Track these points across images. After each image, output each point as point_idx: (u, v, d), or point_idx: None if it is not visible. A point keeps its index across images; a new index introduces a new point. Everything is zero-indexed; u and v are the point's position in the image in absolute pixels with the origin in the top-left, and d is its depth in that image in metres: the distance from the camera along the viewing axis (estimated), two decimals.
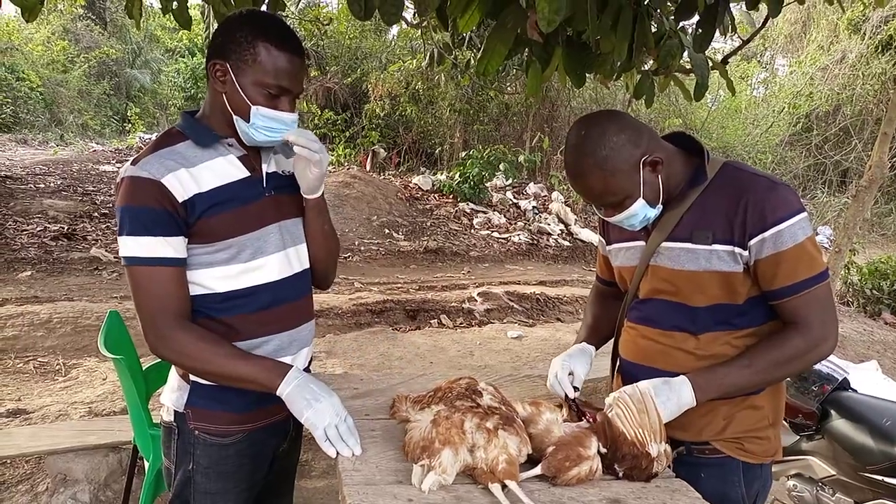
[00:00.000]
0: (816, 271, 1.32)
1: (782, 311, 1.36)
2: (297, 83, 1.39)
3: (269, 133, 1.38)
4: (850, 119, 15.33)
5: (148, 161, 1.32)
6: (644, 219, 1.41)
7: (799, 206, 1.33)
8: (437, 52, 3.42)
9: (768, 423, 1.44)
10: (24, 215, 8.01)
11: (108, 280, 6.37)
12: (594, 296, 1.81)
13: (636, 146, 1.35)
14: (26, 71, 17.37)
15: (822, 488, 2.47)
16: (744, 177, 1.38)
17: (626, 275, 1.58)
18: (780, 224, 1.30)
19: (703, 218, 1.38)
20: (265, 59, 1.32)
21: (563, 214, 11.87)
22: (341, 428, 1.30)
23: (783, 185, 1.36)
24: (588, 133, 1.36)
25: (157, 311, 1.33)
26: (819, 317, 1.33)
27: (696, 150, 1.46)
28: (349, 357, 4.87)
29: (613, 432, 1.24)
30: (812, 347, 1.34)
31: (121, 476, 2.84)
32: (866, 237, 12.53)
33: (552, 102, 14.44)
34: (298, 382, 1.32)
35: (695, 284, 1.39)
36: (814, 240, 1.34)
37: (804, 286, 1.32)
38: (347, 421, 1.32)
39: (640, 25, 1.99)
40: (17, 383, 4.00)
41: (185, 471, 1.48)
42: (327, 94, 14.81)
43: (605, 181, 1.35)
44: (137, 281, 1.33)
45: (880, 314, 7.77)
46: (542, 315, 7.03)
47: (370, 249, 8.98)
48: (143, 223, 1.30)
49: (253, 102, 1.34)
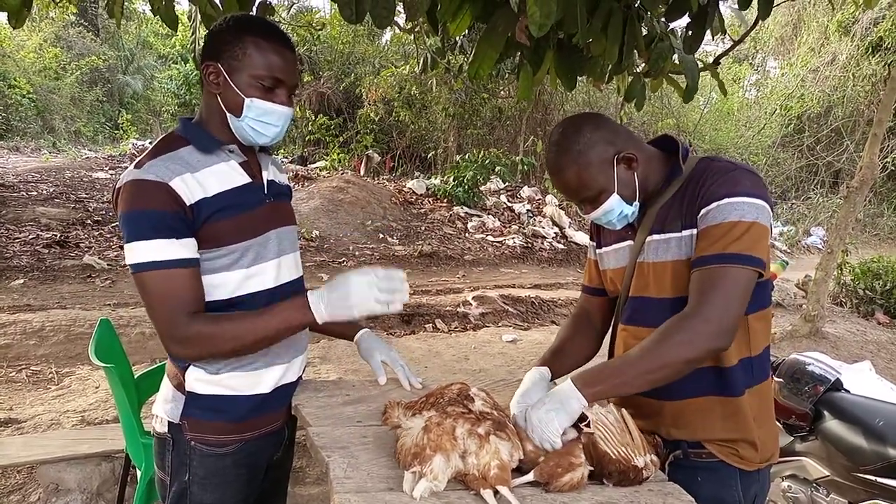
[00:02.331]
0: (729, 251, 1.27)
1: (690, 285, 1.33)
2: (291, 74, 1.39)
3: (263, 127, 1.38)
4: (841, 120, 15.44)
5: (153, 164, 1.31)
6: (622, 215, 1.44)
7: (751, 189, 1.30)
8: (429, 56, 3.42)
9: (757, 426, 1.40)
10: (17, 223, 7.97)
11: (101, 288, 6.34)
12: (572, 315, 1.75)
13: (610, 144, 1.41)
14: (18, 78, 17.34)
15: (817, 489, 2.47)
16: (712, 165, 1.39)
17: (616, 277, 1.58)
18: (721, 200, 1.30)
19: (676, 208, 1.40)
20: (255, 52, 1.33)
21: (557, 217, 11.89)
22: (382, 285, 1.31)
23: (745, 169, 1.36)
24: (565, 131, 1.44)
25: (175, 316, 1.30)
26: (707, 293, 1.26)
27: (676, 150, 1.48)
28: (343, 363, 4.86)
29: (598, 452, 1.24)
30: (685, 321, 1.27)
31: (113, 485, 2.82)
32: (859, 238, 12.60)
33: (545, 106, 14.49)
34: (324, 302, 1.33)
35: (673, 275, 1.39)
36: (754, 226, 1.28)
37: (709, 261, 1.28)
38: (379, 274, 1.33)
39: (631, 28, 1.99)
40: (9, 392, 3.97)
41: (182, 482, 1.46)
42: (321, 100, 14.84)
43: (579, 175, 1.41)
44: (150, 287, 1.30)
45: (873, 314, 7.80)
46: (537, 318, 7.04)
47: (364, 254, 8.97)
48: (152, 226, 1.27)
49: (247, 96, 1.34)
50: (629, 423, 1.29)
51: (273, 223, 1.47)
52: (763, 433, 1.42)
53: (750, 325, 1.39)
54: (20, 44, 18.64)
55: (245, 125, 1.37)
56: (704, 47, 2.73)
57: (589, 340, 1.69)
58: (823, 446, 2.42)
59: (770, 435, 1.45)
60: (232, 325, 1.33)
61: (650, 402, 1.46)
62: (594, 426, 1.27)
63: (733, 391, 1.39)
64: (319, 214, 9.96)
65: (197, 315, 1.33)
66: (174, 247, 1.29)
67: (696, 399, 1.41)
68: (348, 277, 1.33)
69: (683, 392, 1.41)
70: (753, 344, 1.40)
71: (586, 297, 1.74)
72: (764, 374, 1.44)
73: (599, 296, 1.69)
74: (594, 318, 1.71)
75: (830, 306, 7.67)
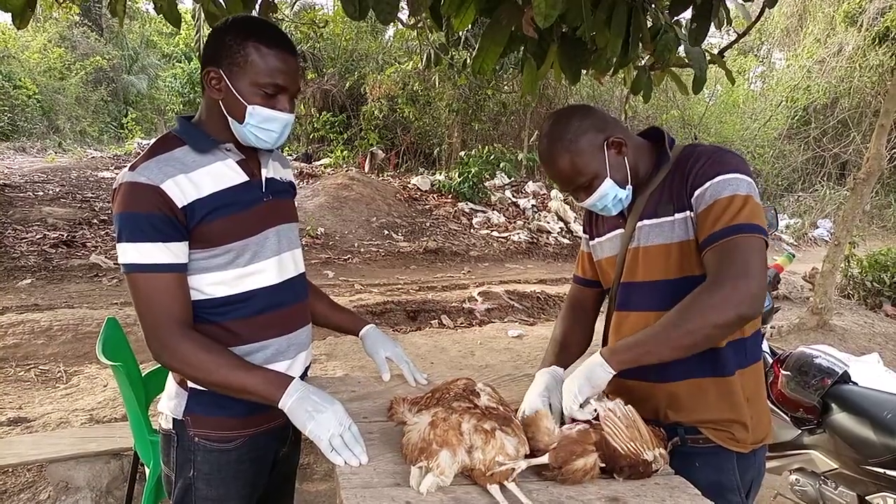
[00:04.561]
0: (735, 222, 1.30)
1: (705, 265, 1.35)
2: (293, 81, 1.38)
3: (265, 133, 1.38)
4: (848, 111, 15.34)
5: (146, 167, 1.31)
6: (616, 200, 1.48)
7: (739, 167, 1.36)
8: (433, 52, 3.42)
9: (749, 406, 1.42)
10: (24, 223, 8.01)
11: (108, 287, 6.36)
12: (567, 307, 1.78)
13: (600, 130, 1.46)
14: (23, 79, 17.38)
15: (825, 482, 2.46)
16: (697, 149, 1.45)
17: (609, 267, 1.60)
18: (713, 178, 1.35)
19: (666, 193, 1.45)
20: (257, 58, 1.32)
21: (562, 212, 11.87)
22: (346, 437, 1.27)
23: (729, 151, 1.42)
24: (556, 122, 1.49)
25: (158, 319, 1.32)
26: (727, 264, 1.28)
27: (663, 139, 1.53)
28: (350, 359, 4.87)
29: (608, 450, 1.25)
30: (712, 288, 1.28)
31: (122, 483, 2.84)
32: (866, 230, 12.53)
33: (549, 100, 14.44)
34: (300, 395, 1.30)
35: (665, 258, 1.43)
36: (749, 200, 1.32)
37: (720, 236, 1.31)
38: (352, 429, 1.29)
39: (635, 20, 1.98)
40: (18, 391, 4.00)
41: (186, 478, 1.47)
42: (325, 97, 14.84)
43: (571, 162, 1.45)
44: (138, 288, 1.32)
45: (881, 306, 7.75)
46: (543, 313, 7.03)
47: (370, 251, 8.98)
48: (142, 229, 1.29)
49: (249, 103, 1.34)
50: (636, 419, 1.29)
51: (272, 221, 1.47)
52: (755, 414, 1.44)
53: None
54: (25, 44, 18.70)
55: (247, 131, 1.37)
56: (709, 39, 2.71)
57: (586, 330, 1.74)
58: (831, 439, 2.41)
59: (761, 416, 1.48)
60: (211, 362, 1.32)
61: (642, 384, 1.48)
62: (603, 423, 1.27)
63: (724, 371, 1.42)
64: (324, 211, 9.97)
65: (189, 331, 1.34)
66: (160, 251, 1.30)
67: (689, 381, 1.44)
68: (333, 407, 1.29)
69: (676, 374, 1.44)
70: (745, 327, 1.41)
71: (579, 288, 1.77)
72: (754, 356, 1.48)
73: (591, 287, 1.74)
74: (588, 308, 1.75)
75: (838, 299, 7.63)
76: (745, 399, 1.42)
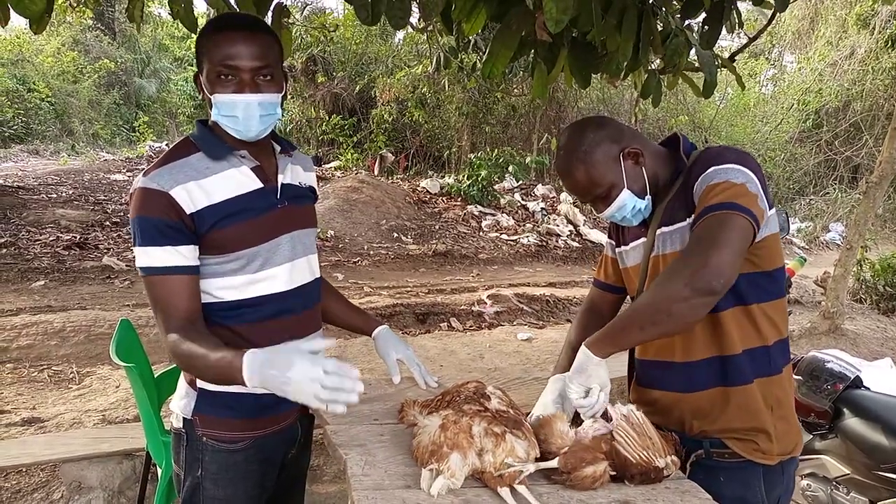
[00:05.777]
0: (715, 201, 1.28)
1: None
2: (247, 58, 1.31)
3: (234, 122, 1.36)
4: (860, 115, 15.19)
5: (158, 173, 1.34)
6: (635, 210, 1.47)
7: (736, 159, 1.34)
8: (443, 56, 3.43)
9: (773, 416, 1.40)
10: (37, 225, 8.09)
11: (121, 288, 6.41)
12: (584, 311, 1.77)
13: (615, 141, 1.46)
14: (37, 82, 17.59)
15: (837, 487, 2.45)
16: (705, 152, 1.44)
17: (634, 275, 1.59)
18: (708, 170, 1.35)
19: (680, 198, 1.44)
20: (210, 46, 1.33)
21: (571, 215, 11.85)
22: (328, 382, 1.11)
23: (735, 149, 1.41)
24: (571, 135, 1.50)
25: (168, 319, 1.35)
26: (699, 240, 1.26)
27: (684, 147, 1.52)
28: (359, 362, 4.88)
29: (620, 459, 1.25)
30: (678, 263, 1.28)
31: (135, 483, 2.86)
32: (878, 233, 12.41)
33: (559, 104, 14.42)
34: (260, 376, 1.17)
35: None
36: (741, 186, 1.29)
37: (700, 216, 1.31)
38: (329, 367, 1.13)
39: (646, 24, 1.98)
40: (31, 392, 4.04)
41: (194, 477, 1.48)
42: (335, 100, 14.89)
43: (588, 173, 1.46)
44: (151, 290, 1.36)
45: (894, 311, 7.69)
46: (552, 317, 7.02)
47: (379, 253, 9.00)
48: (153, 233, 1.32)
49: (211, 93, 1.35)
50: (647, 426, 1.29)
51: (286, 227, 1.47)
52: (780, 423, 1.41)
53: (756, 315, 1.39)
54: (38, 48, 18.92)
55: (221, 122, 1.38)
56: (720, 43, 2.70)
57: None
58: (843, 444, 2.39)
59: (789, 426, 1.44)
60: (189, 350, 1.29)
61: (667, 395, 1.48)
62: (615, 432, 1.27)
63: (740, 380, 1.39)
64: (334, 214, 10.00)
65: (189, 327, 1.34)
66: (170, 254, 1.33)
67: (711, 390, 1.42)
68: (293, 361, 1.14)
69: (694, 385, 1.43)
70: (764, 334, 1.40)
71: (598, 292, 1.76)
72: (778, 366, 1.43)
73: (611, 292, 1.73)
74: (605, 313, 1.73)
75: (850, 303, 7.57)
76: (767, 407, 1.39)
